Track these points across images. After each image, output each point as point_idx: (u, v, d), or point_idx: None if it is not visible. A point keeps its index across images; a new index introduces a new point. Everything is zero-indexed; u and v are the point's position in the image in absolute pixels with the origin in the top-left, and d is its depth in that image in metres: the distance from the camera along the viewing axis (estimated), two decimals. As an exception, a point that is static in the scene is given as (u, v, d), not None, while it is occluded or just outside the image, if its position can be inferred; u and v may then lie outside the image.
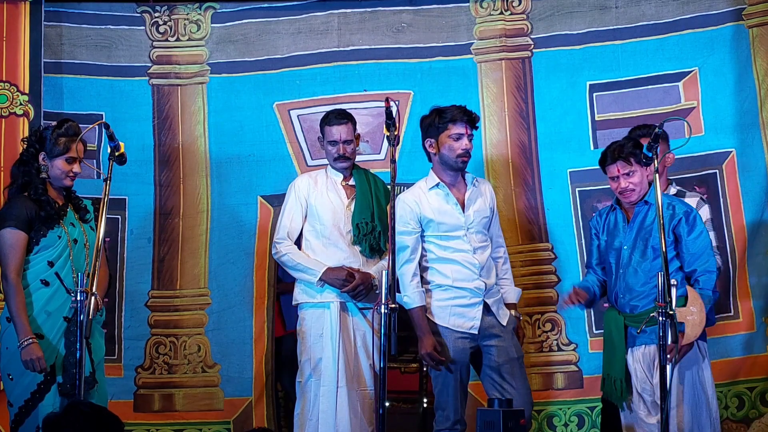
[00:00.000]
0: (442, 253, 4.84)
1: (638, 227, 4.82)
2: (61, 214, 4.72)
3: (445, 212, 4.83)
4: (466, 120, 4.84)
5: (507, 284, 5.05)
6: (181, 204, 5.88)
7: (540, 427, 5.67)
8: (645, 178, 4.80)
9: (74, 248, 4.70)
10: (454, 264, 4.82)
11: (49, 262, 4.66)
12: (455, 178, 4.91)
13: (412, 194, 4.91)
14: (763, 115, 5.64)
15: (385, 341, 4.24)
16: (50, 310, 4.64)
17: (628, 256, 4.81)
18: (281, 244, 5.29)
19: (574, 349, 5.71)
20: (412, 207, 4.85)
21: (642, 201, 4.82)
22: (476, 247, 4.84)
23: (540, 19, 5.91)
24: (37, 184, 4.70)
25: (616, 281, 4.86)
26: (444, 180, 4.87)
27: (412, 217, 4.84)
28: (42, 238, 4.65)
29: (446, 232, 4.83)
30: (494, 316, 4.88)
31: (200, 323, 5.79)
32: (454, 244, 4.80)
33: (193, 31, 5.97)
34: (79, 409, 3.27)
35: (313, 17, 5.97)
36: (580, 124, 5.83)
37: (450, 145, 4.82)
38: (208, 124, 5.94)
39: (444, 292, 4.83)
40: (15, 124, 5.69)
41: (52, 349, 4.61)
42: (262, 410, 5.70)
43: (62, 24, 5.89)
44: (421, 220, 4.85)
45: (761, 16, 5.70)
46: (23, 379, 4.60)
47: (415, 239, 4.85)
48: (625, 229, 4.85)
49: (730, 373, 5.51)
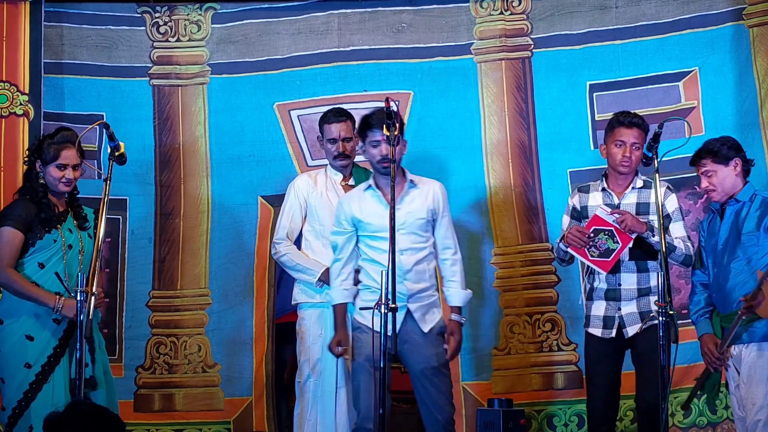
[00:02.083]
0: (371, 254, 4.82)
1: (729, 226, 4.79)
2: (60, 218, 4.79)
3: (373, 213, 4.80)
4: (385, 126, 4.60)
5: (453, 286, 4.90)
6: (181, 204, 5.89)
7: (540, 427, 5.67)
8: (728, 176, 4.75)
9: (68, 253, 4.76)
10: (380, 266, 4.68)
11: (39, 263, 4.73)
12: (387, 182, 4.70)
13: (349, 196, 4.97)
14: (763, 115, 5.64)
15: (384, 341, 4.24)
16: (40, 312, 4.71)
17: (720, 255, 4.79)
18: (281, 244, 5.29)
19: (574, 349, 5.71)
20: (345, 208, 4.88)
21: (733, 199, 4.78)
22: (403, 249, 4.72)
23: (540, 19, 5.91)
24: (37, 188, 4.78)
25: (713, 281, 4.83)
26: (378, 182, 4.85)
27: (345, 217, 4.86)
28: (38, 240, 4.72)
29: (374, 232, 4.79)
30: (416, 323, 4.78)
31: (201, 323, 5.80)
32: (382, 245, 4.70)
33: (193, 31, 5.98)
34: (80, 409, 3.27)
35: (313, 17, 5.97)
36: (580, 124, 5.84)
37: (370, 152, 4.81)
38: (209, 124, 5.94)
39: (370, 293, 4.76)
40: (15, 124, 5.69)
41: (40, 350, 4.67)
42: (262, 410, 5.71)
43: (63, 24, 5.89)
44: (353, 221, 4.85)
45: (761, 16, 5.70)
46: (14, 381, 4.66)
47: (345, 239, 4.86)
48: (720, 228, 4.83)
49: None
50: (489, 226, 5.82)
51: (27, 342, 4.72)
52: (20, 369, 4.70)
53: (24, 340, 4.72)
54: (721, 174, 4.74)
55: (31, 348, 4.71)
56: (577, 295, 5.74)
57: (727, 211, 4.79)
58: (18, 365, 4.70)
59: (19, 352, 4.71)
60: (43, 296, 4.68)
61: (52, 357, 4.73)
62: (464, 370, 5.73)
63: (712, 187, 4.77)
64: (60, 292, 4.72)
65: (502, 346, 5.77)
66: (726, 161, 4.72)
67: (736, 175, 4.75)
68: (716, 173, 4.74)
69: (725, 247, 4.75)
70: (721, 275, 4.75)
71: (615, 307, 4.87)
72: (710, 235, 4.85)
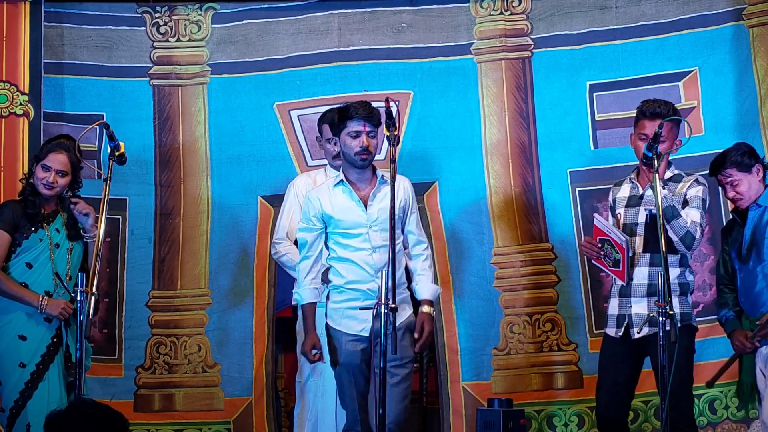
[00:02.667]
0: (342, 252, 4.70)
1: (752, 230, 4.80)
2: (48, 218, 4.86)
3: (346, 209, 4.69)
4: (365, 116, 4.63)
5: (423, 280, 4.80)
6: (181, 204, 5.89)
7: (540, 427, 5.67)
8: (753, 183, 4.78)
9: (56, 252, 4.80)
10: (350, 264, 4.67)
11: (27, 263, 4.80)
12: (361, 175, 4.72)
13: (317, 191, 4.81)
14: (763, 115, 5.64)
15: (385, 341, 4.23)
16: (30, 312, 4.76)
17: (745, 260, 4.80)
18: (280, 244, 5.29)
19: (574, 349, 5.72)
20: (314, 204, 4.73)
21: (754, 204, 4.79)
22: (376, 246, 4.64)
23: (540, 19, 5.91)
24: (26, 186, 4.90)
25: (740, 285, 4.83)
26: (349, 177, 4.73)
27: (314, 213, 4.73)
28: (24, 240, 4.79)
29: (346, 229, 4.68)
30: None
31: (201, 323, 5.80)
32: (354, 242, 4.66)
33: (193, 31, 5.98)
34: (82, 408, 3.26)
35: (313, 17, 5.97)
36: (580, 124, 5.84)
37: (348, 143, 4.67)
38: (209, 124, 5.94)
39: (339, 294, 4.70)
40: (15, 124, 5.69)
41: (34, 349, 4.69)
42: (262, 410, 5.71)
43: (63, 24, 5.89)
44: (323, 217, 4.73)
45: (761, 16, 5.70)
46: (9, 381, 4.70)
47: (315, 236, 4.74)
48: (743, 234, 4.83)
49: (730, 373, 5.49)
50: (489, 226, 5.82)
51: (20, 342, 4.75)
52: (15, 369, 4.73)
53: (17, 340, 4.75)
54: (746, 182, 4.78)
55: (24, 348, 4.75)
56: (578, 295, 5.75)
57: (749, 216, 4.81)
58: (12, 365, 4.74)
59: (13, 352, 4.74)
60: (27, 296, 4.75)
61: (46, 356, 4.76)
62: (464, 370, 5.74)
63: (740, 196, 4.79)
64: (49, 291, 4.76)
65: (502, 346, 5.77)
66: (749, 169, 4.76)
67: (759, 181, 4.80)
68: (741, 182, 4.78)
69: (749, 252, 4.78)
70: (749, 279, 4.77)
71: (626, 305, 4.78)
72: (733, 242, 4.86)
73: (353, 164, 4.69)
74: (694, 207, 4.76)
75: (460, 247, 5.81)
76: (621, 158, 5.72)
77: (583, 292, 5.73)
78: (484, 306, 5.78)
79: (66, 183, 4.88)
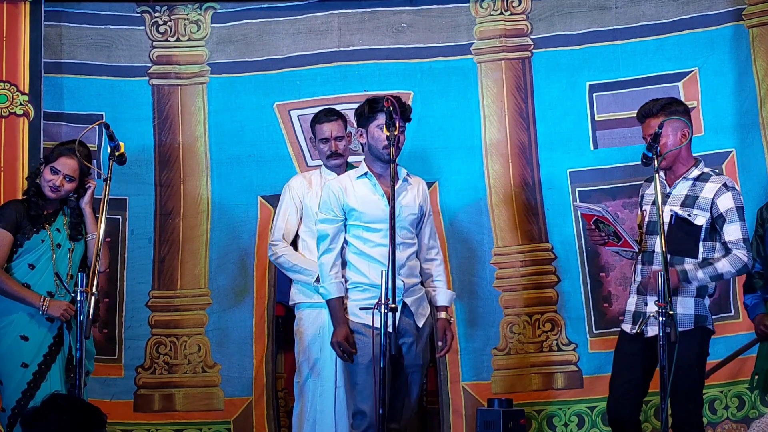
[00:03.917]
0: (363, 247, 4.64)
1: None
2: (49, 219, 4.87)
3: (369, 202, 4.63)
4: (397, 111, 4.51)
5: (439, 286, 4.81)
6: (181, 204, 5.88)
7: (540, 427, 5.67)
8: None
9: (57, 252, 4.82)
10: (372, 261, 4.62)
11: (29, 264, 4.82)
12: (385, 170, 4.63)
13: (339, 182, 4.73)
14: (763, 115, 5.64)
15: (384, 341, 4.23)
16: (32, 312, 4.78)
17: None
18: (277, 245, 5.29)
19: (574, 349, 5.72)
20: (336, 195, 4.65)
21: None
22: (398, 243, 4.49)
23: (540, 19, 5.91)
24: (30, 186, 4.90)
25: None
26: (373, 170, 4.67)
27: (336, 204, 4.65)
28: (26, 241, 4.80)
29: (368, 223, 4.62)
30: (412, 317, 4.68)
31: (200, 323, 5.80)
32: (375, 237, 4.61)
33: (193, 31, 5.98)
34: (56, 403, 3.25)
35: (313, 17, 5.97)
36: (580, 124, 5.84)
37: (377, 135, 4.61)
38: (209, 124, 5.94)
39: (361, 293, 4.64)
40: (15, 124, 5.69)
41: (36, 350, 4.70)
42: (262, 410, 5.71)
43: (62, 24, 5.89)
44: (344, 209, 4.65)
45: (761, 16, 5.70)
46: (12, 381, 4.70)
47: (337, 228, 4.65)
48: None
49: (730, 373, 5.51)
50: (489, 226, 5.83)
51: (22, 342, 4.76)
52: (17, 369, 4.74)
53: (19, 341, 4.76)
54: None
55: (26, 348, 4.76)
56: (578, 295, 5.75)
57: None
58: (15, 365, 4.74)
59: (15, 352, 4.75)
60: (29, 297, 4.76)
61: (48, 356, 4.77)
62: (464, 370, 5.74)
63: None
64: (51, 291, 4.77)
65: (502, 346, 5.77)
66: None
67: None
68: None
69: None
70: None
71: (642, 302, 4.72)
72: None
73: (379, 158, 4.63)
74: (731, 222, 4.61)
75: (460, 247, 5.81)
76: (621, 158, 5.73)
77: (583, 292, 5.73)
78: (483, 306, 5.78)
79: (71, 188, 4.90)
